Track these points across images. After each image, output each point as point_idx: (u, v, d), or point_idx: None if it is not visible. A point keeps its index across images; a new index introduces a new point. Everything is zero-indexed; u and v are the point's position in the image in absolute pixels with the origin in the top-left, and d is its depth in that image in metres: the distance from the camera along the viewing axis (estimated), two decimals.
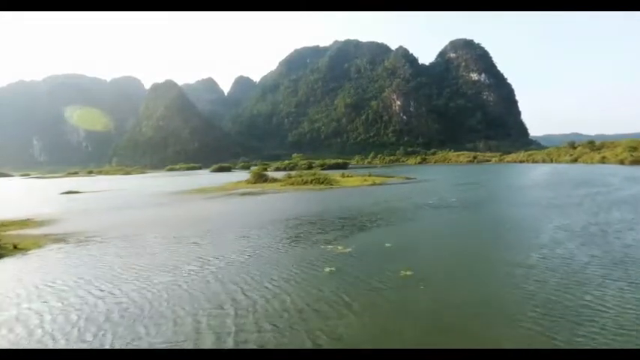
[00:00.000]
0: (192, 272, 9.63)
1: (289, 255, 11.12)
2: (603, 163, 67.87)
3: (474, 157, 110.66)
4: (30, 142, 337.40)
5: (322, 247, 11.82)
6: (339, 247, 11.62)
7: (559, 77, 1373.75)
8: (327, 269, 9.51)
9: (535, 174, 44.83)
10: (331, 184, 32.24)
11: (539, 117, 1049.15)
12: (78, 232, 15.01)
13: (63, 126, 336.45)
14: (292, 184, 32.88)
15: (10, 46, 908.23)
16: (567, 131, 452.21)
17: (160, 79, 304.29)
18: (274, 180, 36.73)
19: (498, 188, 29.21)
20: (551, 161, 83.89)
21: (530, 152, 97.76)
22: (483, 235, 13.77)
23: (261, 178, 36.50)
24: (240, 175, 54.92)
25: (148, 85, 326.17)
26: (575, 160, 75.85)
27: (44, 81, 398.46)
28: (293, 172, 40.65)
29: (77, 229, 15.77)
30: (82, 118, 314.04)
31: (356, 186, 32.12)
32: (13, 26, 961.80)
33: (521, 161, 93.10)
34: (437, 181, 38.83)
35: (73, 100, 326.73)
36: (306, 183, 32.60)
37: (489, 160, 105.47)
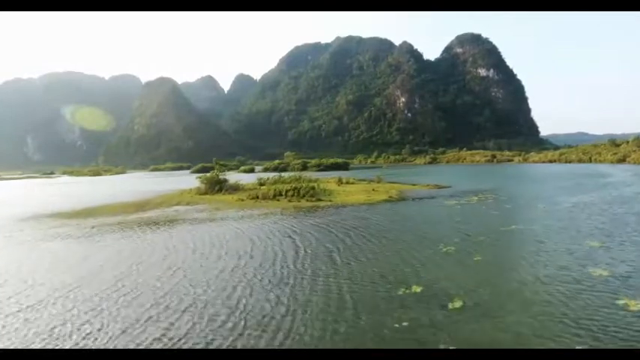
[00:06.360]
0: None
1: None
2: None
3: (493, 157, 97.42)
4: (24, 141, 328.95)
5: None
6: None
7: (560, 77, 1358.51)
8: None
9: (633, 179, 30.81)
10: (319, 199, 19.52)
11: (543, 116, 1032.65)
12: None
13: (58, 124, 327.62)
14: (256, 197, 20.45)
15: (7, 44, 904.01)
16: (573, 131, 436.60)
17: None
18: (235, 189, 24.41)
19: None
20: (589, 161, 71.07)
21: (561, 151, 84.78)
22: None
23: (214, 186, 24.09)
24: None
25: None
26: (622, 160, 63.14)
27: (41, 79, 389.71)
28: (271, 177, 28.28)
29: None
30: (79, 117, 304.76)
31: (360, 203, 18.65)
32: (11, 24, 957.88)
33: (550, 161, 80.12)
34: (491, 192, 23.17)
35: (70, 99, 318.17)
36: (278, 196, 20.17)
37: (511, 160, 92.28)
